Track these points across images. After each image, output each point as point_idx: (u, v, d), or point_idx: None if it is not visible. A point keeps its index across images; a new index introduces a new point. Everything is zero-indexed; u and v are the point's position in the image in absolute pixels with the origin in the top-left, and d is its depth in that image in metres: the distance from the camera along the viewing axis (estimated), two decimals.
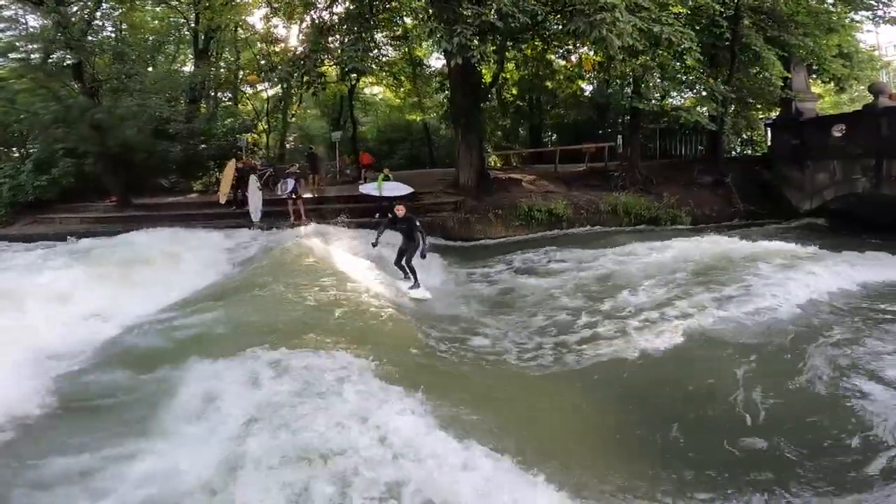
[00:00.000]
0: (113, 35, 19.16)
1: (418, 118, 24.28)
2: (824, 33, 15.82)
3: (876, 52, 22.35)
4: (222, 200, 14.99)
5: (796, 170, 15.32)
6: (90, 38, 16.52)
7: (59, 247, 12.45)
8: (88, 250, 11.19)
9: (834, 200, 14.23)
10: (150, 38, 20.98)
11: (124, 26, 19.71)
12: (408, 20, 18.59)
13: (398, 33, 19.95)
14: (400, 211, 7.96)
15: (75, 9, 16.21)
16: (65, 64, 16.49)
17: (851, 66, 17.92)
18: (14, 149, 18.33)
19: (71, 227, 14.80)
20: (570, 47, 17.78)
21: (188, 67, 22.28)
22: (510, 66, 20.23)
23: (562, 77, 21.20)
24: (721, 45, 15.49)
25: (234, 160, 15.61)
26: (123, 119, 16.37)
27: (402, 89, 23.49)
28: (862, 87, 18.14)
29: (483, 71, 16.52)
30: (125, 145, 16.96)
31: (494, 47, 13.45)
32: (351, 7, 15.04)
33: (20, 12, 16.94)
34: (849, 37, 17.53)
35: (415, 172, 18.42)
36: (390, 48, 21.17)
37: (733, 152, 19.93)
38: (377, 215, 13.57)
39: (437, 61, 22.08)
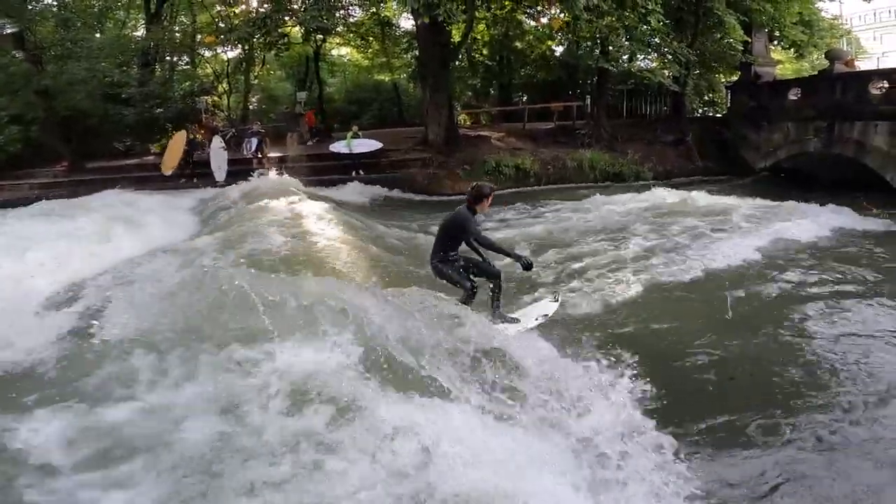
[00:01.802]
0: (55, 2, 18.31)
1: (387, 78, 23.84)
2: (785, 0, 16.16)
3: (837, 21, 22.92)
4: (167, 172, 14.05)
5: (753, 130, 15.91)
6: (31, 6, 16.08)
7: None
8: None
9: (787, 160, 14.90)
10: (97, 5, 19.99)
11: None
12: None
13: None
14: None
15: None
16: (4, 32, 15.85)
17: (811, 34, 18.41)
18: None
19: (20, 193, 14.17)
20: (540, 8, 17.80)
21: (140, 32, 21.46)
22: (480, 26, 19.95)
23: (532, 38, 21.09)
24: (686, 10, 15.69)
25: (184, 132, 14.88)
26: (71, 84, 16.00)
27: (370, 50, 22.93)
28: (822, 55, 18.74)
29: (452, 31, 16.30)
30: (76, 110, 16.67)
31: (463, 7, 13.29)
32: None
33: None
34: (809, 4, 17.95)
35: (384, 131, 18.24)
36: (357, 8, 20.58)
37: (696, 113, 20.46)
38: (354, 173, 13.59)
39: (406, 21, 21.60)
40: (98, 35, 19.28)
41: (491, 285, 4.64)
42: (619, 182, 14.53)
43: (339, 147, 14.24)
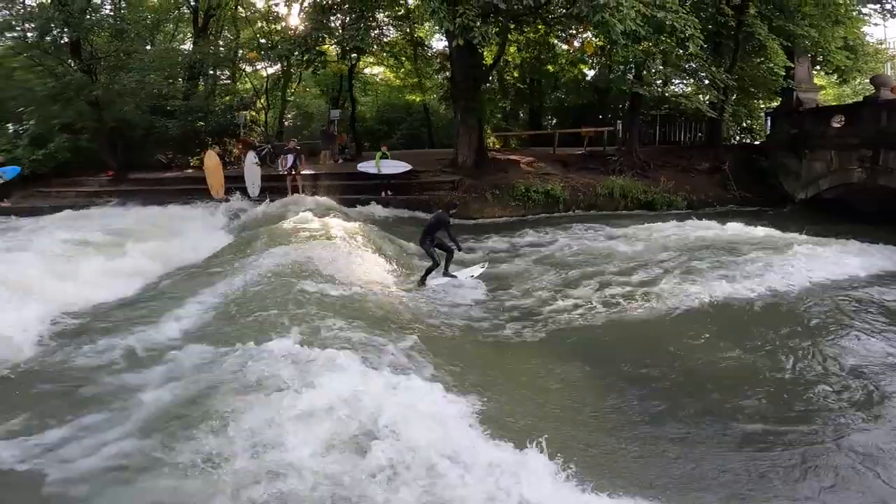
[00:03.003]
0: (111, 13, 19.05)
1: (418, 99, 24.15)
2: (830, 25, 15.75)
3: (882, 46, 22.24)
4: (218, 196, 14.09)
5: (793, 159, 15.40)
6: (89, 16, 16.51)
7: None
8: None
9: (829, 190, 14.34)
10: (149, 16, 20.81)
11: (123, 4, 19.58)
12: (410, 0, 18.45)
13: (400, 13, 19.82)
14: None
15: None
16: (62, 42, 16.53)
17: (856, 59, 17.89)
18: (10, 124, 18.28)
19: (66, 200, 14.80)
20: (573, 31, 17.79)
21: (187, 45, 22.12)
22: (512, 48, 20.09)
23: (563, 61, 21.08)
24: (725, 34, 15.42)
25: (211, 151, 15.24)
26: (121, 95, 16.56)
27: (402, 70, 23.31)
28: (865, 80, 18.12)
29: (484, 53, 16.45)
30: (123, 121, 17.27)
31: (497, 29, 13.39)
32: None
33: None
34: (855, 29, 17.46)
35: (413, 152, 18.43)
36: (392, 28, 21.01)
37: (732, 140, 19.98)
38: (383, 193, 13.72)
39: (438, 42, 21.95)
40: (148, 47, 19.86)
41: (447, 256, 7.71)
42: (650, 210, 14.22)
43: (367, 167, 14.41)
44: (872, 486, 3.46)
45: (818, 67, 18.57)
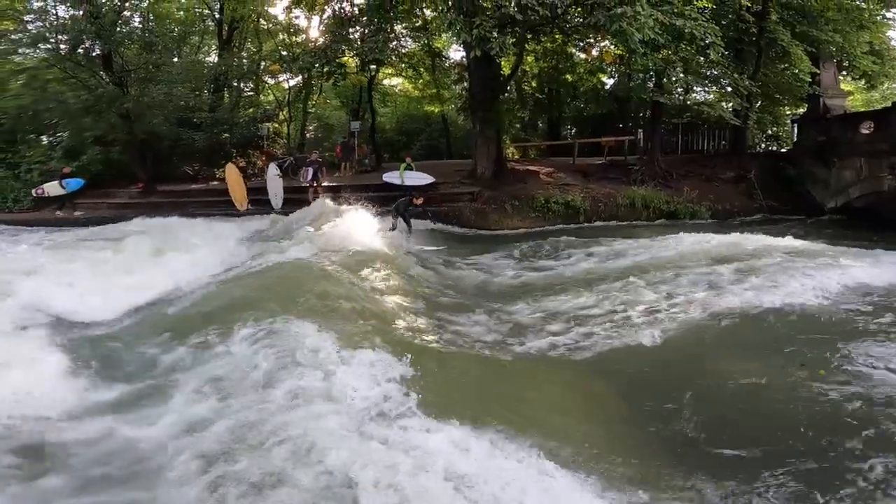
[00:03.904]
0: (140, 25, 19.47)
1: (437, 109, 24.30)
2: (855, 30, 15.44)
3: None
4: (243, 208, 14.38)
5: (821, 166, 15.04)
6: (120, 28, 16.79)
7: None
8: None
9: (859, 198, 13.94)
10: (176, 29, 21.27)
11: (151, 17, 20.06)
12: (427, 11, 18.66)
13: (418, 25, 20.00)
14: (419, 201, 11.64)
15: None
16: (94, 54, 16.81)
17: (882, 64, 17.49)
18: (44, 136, 18.83)
19: (99, 212, 15.27)
20: (591, 40, 17.74)
21: (212, 58, 22.57)
22: (530, 58, 20.11)
23: (582, 70, 21.02)
24: (747, 40, 15.19)
25: (232, 164, 15.42)
26: (150, 108, 16.83)
27: (420, 81, 23.52)
28: (894, 85, 17.64)
29: (502, 63, 16.49)
30: (152, 133, 17.53)
31: (514, 40, 13.42)
32: None
33: (50, 3, 17.39)
34: (880, 34, 17.07)
35: (432, 163, 18.49)
36: (410, 39, 21.23)
37: (757, 148, 19.59)
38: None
39: (456, 53, 22.06)
40: (175, 59, 20.16)
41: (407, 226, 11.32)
42: (673, 220, 13.97)
43: (391, 177, 14.50)
44: None
45: (844, 73, 18.16)
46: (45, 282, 6.94)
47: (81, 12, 15.75)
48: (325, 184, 14.57)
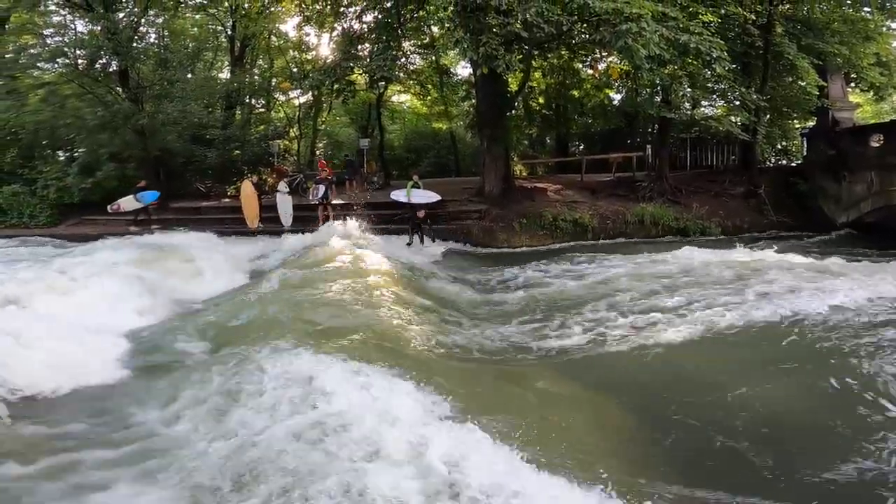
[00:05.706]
0: (156, 42, 19.83)
1: (444, 126, 24.49)
2: (861, 41, 15.38)
3: None
4: (254, 226, 14.28)
5: (832, 181, 14.89)
6: (136, 44, 17.09)
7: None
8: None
9: (872, 213, 13.77)
10: (190, 46, 21.63)
11: (166, 33, 20.49)
12: (435, 29, 18.91)
13: (425, 42, 20.28)
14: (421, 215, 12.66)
15: (122, 15, 16.91)
16: (110, 70, 17.14)
17: (890, 75, 17.37)
18: (60, 152, 19.13)
19: (114, 228, 15.41)
20: (597, 56, 17.85)
21: (224, 74, 22.93)
22: (536, 74, 20.26)
23: (589, 86, 21.10)
24: (754, 54, 15.20)
25: (248, 182, 15.30)
26: (165, 125, 17.11)
27: (428, 97, 23.75)
28: None
29: (509, 79, 16.62)
30: (165, 150, 17.78)
31: (520, 57, 13.52)
32: (380, 17, 15.40)
33: (69, 18, 17.81)
34: (886, 45, 17.01)
35: (440, 181, 18.57)
36: (417, 57, 21.50)
37: (767, 162, 19.46)
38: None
39: (463, 70, 22.29)
40: (189, 76, 20.43)
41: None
42: (682, 237, 13.77)
43: (399, 195, 14.57)
44: None
45: (853, 85, 18.07)
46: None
47: (100, 27, 15.98)
48: (333, 202, 14.66)
